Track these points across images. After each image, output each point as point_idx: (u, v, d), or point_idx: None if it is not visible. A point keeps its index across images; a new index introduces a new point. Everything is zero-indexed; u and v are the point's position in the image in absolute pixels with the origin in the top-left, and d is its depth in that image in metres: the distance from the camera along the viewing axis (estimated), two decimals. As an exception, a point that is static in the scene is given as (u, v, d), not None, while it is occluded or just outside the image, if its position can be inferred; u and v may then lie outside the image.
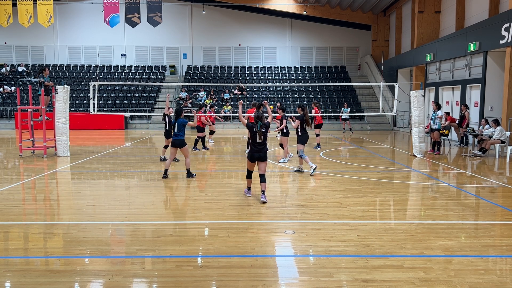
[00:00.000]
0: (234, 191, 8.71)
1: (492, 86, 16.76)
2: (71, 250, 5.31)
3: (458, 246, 5.46)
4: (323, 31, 33.67)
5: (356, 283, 4.37)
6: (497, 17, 16.31)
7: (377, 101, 29.23)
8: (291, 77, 32.32)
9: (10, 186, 9.10)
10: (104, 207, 7.44)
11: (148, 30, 28.82)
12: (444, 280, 4.46)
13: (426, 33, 23.70)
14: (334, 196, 8.18)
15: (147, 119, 28.33)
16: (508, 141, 13.68)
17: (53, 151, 14.16)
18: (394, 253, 5.18)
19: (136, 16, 24.16)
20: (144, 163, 12.87)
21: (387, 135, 23.32)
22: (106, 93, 30.21)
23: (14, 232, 6.09)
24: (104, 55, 33.56)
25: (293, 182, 9.84)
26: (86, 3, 32.38)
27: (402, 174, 11.03)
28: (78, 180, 10.10)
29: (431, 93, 22.65)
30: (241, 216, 6.83)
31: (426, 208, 7.48)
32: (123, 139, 20.75)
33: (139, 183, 9.54)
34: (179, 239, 5.68)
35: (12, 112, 27.54)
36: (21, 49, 33.47)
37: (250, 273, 4.62)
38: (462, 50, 18.61)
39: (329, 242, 5.58)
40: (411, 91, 14.59)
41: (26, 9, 23.80)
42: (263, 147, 7.55)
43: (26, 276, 4.53)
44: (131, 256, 5.10)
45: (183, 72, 33.32)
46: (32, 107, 14.22)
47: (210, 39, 33.63)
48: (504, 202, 7.95)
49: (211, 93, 29.87)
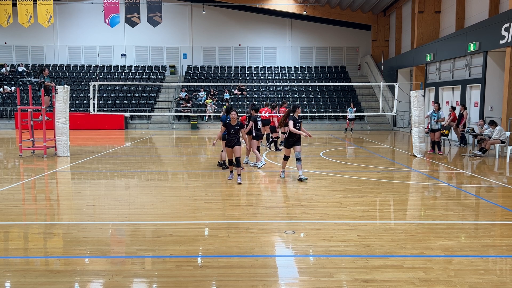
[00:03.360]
0: (234, 191, 8.71)
1: (492, 86, 16.76)
2: (71, 250, 5.31)
3: (458, 246, 5.46)
4: (323, 31, 33.68)
5: (356, 283, 4.37)
6: (497, 17, 16.31)
7: (377, 101, 29.23)
8: (291, 77, 32.33)
9: (10, 186, 9.10)
10: (104, 207, 7.44)
11: (148, 30, 28.82)
12: (444, 280, 4.46)
13: (426, 33, 23.70)
14: (334, 196, 8.18)
15: (147, 119, 28.33)
16: (508, 141, 13.68)
17: (53, 151, 14.16)
18: (394, 253, 5.18)
19: (136, 16, 24.17)
20: (144, 163, 12.87)
21: (387, 135, 23.32)
22: (106, 93, 30.21)
23: (14, 232, 6.09)
24: (104, 55, 33.56)
25: (293, 182, 9.83)
26: (86, 3, 32.40)
27: (402, 174, 11.03)
28: (78, 180, 10.10)
29: (431, 93, 22.65)
30: (241, 216, 6.83)
31: (426, 208, 7.48)
32: (123, 139, 20.75)
33: (139, 183, 9.54)
34: (179, 239, 5.68)
35: (12, 112, 27.54)
36: (21, 49, 33.47)
37: (250, 273, 4.62)
38: (462, 50, 18.61)
39: (329, 242, 5.58)
40: (411, 91, 14.59)
41: (26, 9, 23.81)
42: (235, 136, 9.42)
43: (26, 276, 4.53)
44: (131, 256, 5.10)
45: (183, 72, 33.33)
46: (32, 107, 14.23)
47: (210, 39, 33.63)
48: (504, 202, 7.95)
49: (211, 93, 29.88)
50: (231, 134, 9.35)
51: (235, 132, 9.40)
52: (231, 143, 9.39)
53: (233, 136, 9.38)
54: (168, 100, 30.06)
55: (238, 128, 9.43)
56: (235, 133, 9.38)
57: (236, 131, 9.41)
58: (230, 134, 9.35)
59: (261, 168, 11.45)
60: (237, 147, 9.39)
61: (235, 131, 9.40)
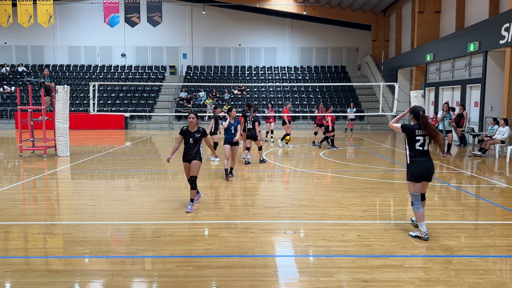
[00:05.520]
0: (234, 191, 8.71)
1: (492, 86, 16.75)
2: (71, 250, 5.31)
3: (458, 246, 5.46)
4: (323, 31, 33.67)
5: (356, 283, 4.37)
6: (497, 17, 16.30)
7: (377, 101, 29.22)
8: (291, 77, 32.32)
9: (10, 186, 9.10)
10: (104, 207, 7.44)
11: (148, 30, 28.79)
12: (444, 280, 4.46)
13: (426, 33, 23.70)
14: (334, 196, 8.18)
15: (147, 119, 28.32)
16: (508, 141, 13.67)
17: (53, 151, 14.16)
18: (394, 253, 5.18)
19: (136, 16, 24.15)
20: (144, 163, 12.87)
21: (387, 135, 23.32)
22: (106, 93, 30.20)
23: (14, 232, 6.10)
24: (104, 55, 33.55)
25: (293, 182, 9.84)
26: (86, 3, 32.38)
27: (402, 174, 11.03)
28: (78, 180, 10.10)
29: (431, 93, 22.64)
30: (241, 216, 6.83)
31: (426, 208, 7.46)
32: (123, 139, 20.75)
33: (139, 183, 9.54)
34: (179, 239, 5.68)
35: (12, 112, 27.53)
36: (21, 49, 33.46)
37: (250, 273, 4.62)
38: (462, 50, 18.61)
39: (329, 242, 5.58)
40: (411, 91, 14.58)
41: (26, 9, 23.78)
42: (194, 147, 7.27)
43: (26, 276, 4.53)
44: (131, 256, 5.10)
45: (183, 72, 33.32)
46: (32, 107, 14.22)
47: (210, 39, 33.63)
48: (504, 202, 7.95)
49: (213, 93, 29.87)
50: (189, 144, 7.17)
51: (195, 142, 7.18)
52: (188, 156, 7.19)
53: (192, 146, 7.17)
54: (168, 100, 30.06)
55: (199, 136, 7.21)
56: (194, 143, 7.18)
57: (196, 140, 7.19)
58: (188, 144, 7.18)
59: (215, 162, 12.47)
60: (195, 162, 7.15)
61: (194, 140, 7.18)
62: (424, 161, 5.75)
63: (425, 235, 5.67)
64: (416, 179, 5.78)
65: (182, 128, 7.26)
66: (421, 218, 5.77)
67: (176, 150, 7.25)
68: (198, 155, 7.18)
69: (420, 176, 5.76)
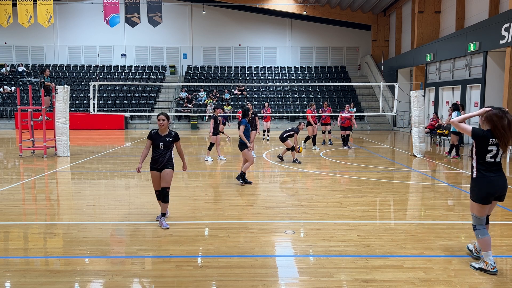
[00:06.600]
0: (234, 191, 8.71)
1: (492, 86, 16.75)
2: (71, 250, 5.31)
3: (458, 246, 5.45)
4: (323, 31, 33.68)
5: (356, 283, 4.37)
6: (497, 17, 16.31)
7: (377, 101, 29.23)
8: (291, 77, 32.33)
9: (10, 186, 9.10)
10: (104, 207, 7.44)
11: (148, 30, 28.81)
12: (444, 280, 4.46)
13: (426, 33, 23.71)
14: (334, 196, 8.18)
15: (147, 119, 28.33)
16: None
17: (53, 151, 14.16)
18: (394, 253, 5.18)
19: (136, 16, 24.15)
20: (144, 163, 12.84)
21: (387, 135, 23.32)
22: (106, 93, 30.21)
23: (14, 232, 6.09)
24: (104, 55, 33.56)
25: (293, 182, 9.84)
26: (86, 3, 32.39)
27: (402, 174, 11.03)
28: (78, 180, 10.10)
29: (431, 93, 22.65)
30: (241, 216, 6.83)
31: (426, 208, 7.48)
32: (123, 139, 20.74)
33: (139, 183, 9.54)
34: (179, 239, 5.68)
35: (12, 112, 27.54)
36: (21, 49, 33.48)
37: (250, 273, 4.62)
38: (462, 50, 18.61)
39: (329, 242, 5.58)
40: (411, 91, 14.58)
41: (26, 9, 23.78)
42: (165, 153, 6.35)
43: (26, 276, 4.53)
44: (131, 256, 5.10)
45: (183, 72, 33.33)
46: (32, 107, 14.23)
47: (210, 39, 33.64)
48: (503, 202, 7.93)
49: (214, 93, 29.87)
50: (158, 150, 6.24)
51: (166, 147, 6.24)
52: (157, 164, 6.28)
53: (162, 153, 6.25)
54: (168, 100, 30.07)
55: (171, 141, 6.28)
56: (165, 149, 6.25)
57: (167, 146, 6.25)
58: (157, 150, 6.25)
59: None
60: (167, 171, 6.27)
61: (165, 145, 6.24)
62: (496, 177, 4.56)
63: (492, 268, 4.51)
64: (484, 200, 4.58)
65: (151, 132, 6.32)
66: (487, 247, 4.58)
67: (145, 156, 6.47)
68: (170, 163, 6.29)
69: (490, 195, 4.57)
